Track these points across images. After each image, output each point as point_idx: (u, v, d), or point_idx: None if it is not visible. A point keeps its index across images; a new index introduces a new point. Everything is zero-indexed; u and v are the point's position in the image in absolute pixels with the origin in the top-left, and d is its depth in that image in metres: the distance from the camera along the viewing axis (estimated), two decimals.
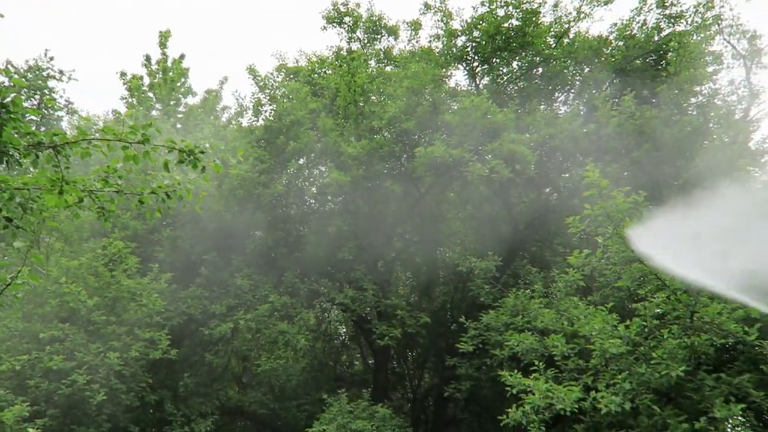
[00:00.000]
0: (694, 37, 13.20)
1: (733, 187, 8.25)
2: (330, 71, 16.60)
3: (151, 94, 19.39)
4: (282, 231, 13.58)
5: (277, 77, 16.06)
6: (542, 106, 14.58)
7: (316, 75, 16.80)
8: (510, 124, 12.52)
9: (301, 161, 14.68)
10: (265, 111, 14.84)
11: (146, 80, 19.48)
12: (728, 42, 14.19)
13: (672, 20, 13.72)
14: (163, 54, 19.37)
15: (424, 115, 13.36)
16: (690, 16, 13.47)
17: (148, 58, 19.43)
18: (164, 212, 4.87)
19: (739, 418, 7.07)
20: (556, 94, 15.62)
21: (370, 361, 17.93)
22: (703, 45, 13.26)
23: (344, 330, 19.86)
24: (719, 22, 13.81)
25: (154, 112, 18.55)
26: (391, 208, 14.37)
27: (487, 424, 13.69)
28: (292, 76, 16.61)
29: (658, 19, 13.80)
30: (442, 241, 16.16)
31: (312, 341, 15.93)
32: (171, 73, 19.45)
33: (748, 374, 7.10)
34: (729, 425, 7.18)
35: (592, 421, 7.48)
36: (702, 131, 12.44)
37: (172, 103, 19.10)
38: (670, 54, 13.26)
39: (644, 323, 7.85)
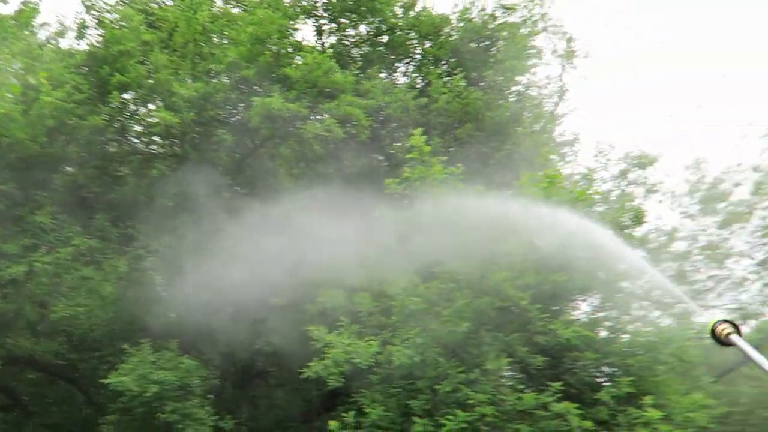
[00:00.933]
0: (522, 30, 14.43)
1: None
2: (171, 2, 15.42)
3: None
4: (97, 169, 12.57)
5: None
6: (383, 74, 15.02)
7: (154, 5, 15.50)
8: (349, 87, 12.76)
9: (127, 96, 13.60)
10: (90, 35, 13.45)
11: None
12: (550, 40, 15.72)
13: (506, 10, 14.82)
14: None
15: (265, 65, 13.08)
16: (521, 9, 14.65)
17: None
18: None
19: (507, 369, 8.27)
20: (397, 65, 16.15)
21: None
22: (528, 39, 14.57)
23: (161, 279, 19.03)
24: (545, 20, 15.23)
25: None
26: (222, 157, 13.98)
27: (294, 377, 14.17)
28: (126, 0, 15.16)
29: (495, 7, 14.81)
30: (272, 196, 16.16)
31: (122, 289, 15.10)
32: None
33: (518, 334, 8.29)
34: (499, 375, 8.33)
35: (386, 372, 8.23)
36: (517, 118, 13.80)
37: None
38: (500, 42, 14.35)
39: (443, 285, 8.74)
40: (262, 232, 16.63)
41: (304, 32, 15.67)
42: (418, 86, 14.57)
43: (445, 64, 15.37)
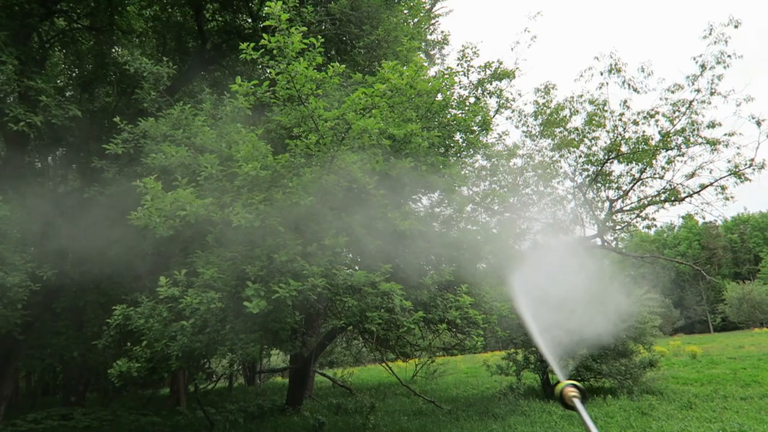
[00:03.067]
0: None
1: None
2: None
3: None
4: None
5: None
6: None
7: None
8: None
9: None
10: None
11: None
12: None
13: None
14: None
15: None
16: None
17: None
18: None
19: (344, 248, 8.56)
20: None
21: (2, 152, 15.53)
22: None
23: None
24: None
25: None
26: None
27: (128, 232, 13.47)
28: None
29: None
30: (118, 37, 14.42)
31: None
32: None
33: (359, 216, 8.53)
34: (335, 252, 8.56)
35: (223, 236, 8.08)
36: (392, 5, 13.42)
37: None
38: None
39: (293, 159, 8.58)
40: (99, 74, 14.98)
41: None
42: None
43: None
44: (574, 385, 2.49)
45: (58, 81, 15.71)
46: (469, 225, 11.20)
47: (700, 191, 17.12)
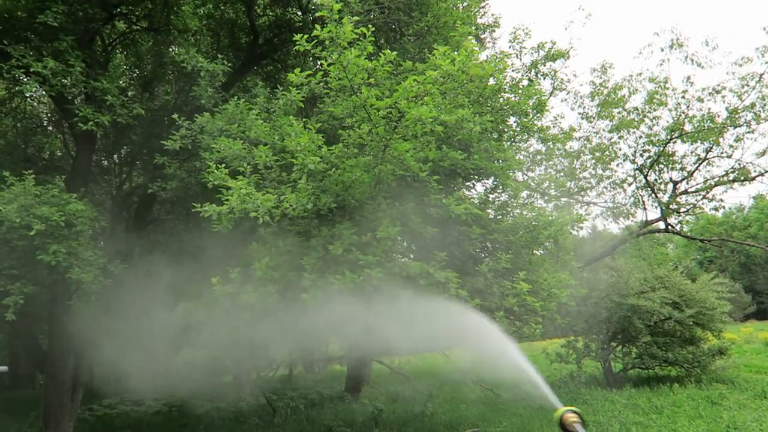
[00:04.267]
0: None
1: None
2: None
3: None
4: None
5: None
6: None
7: None
8: None
9: None
10: None
11: None
12: None
13: None
14: None
15: None
16: None
17: None
18: None
19: (398, 236, 8.57)
20: None
21: (73, 151, 16.35)
22: None
23: (45, 110, 17.50)
24: None
25: None
26: None
27: (189, 225, 13.95)
28: None
29: None
30: (174, 36, 14.84)
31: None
32: None
33: (413, 204, 8.51)
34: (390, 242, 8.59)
35: (279, 227, 8.24)
36: None
37: None
38: None
39: (346, 149, 8.63)
40: (158, 73, 15.50)
41: None
42: None
43: None
44: (574, 411, 2.57)
45: (121, 81, 16.35)
46: (525, 211, 10.99)
47: None
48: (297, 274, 7.97)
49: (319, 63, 11.61)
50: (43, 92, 12.20)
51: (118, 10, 13.28)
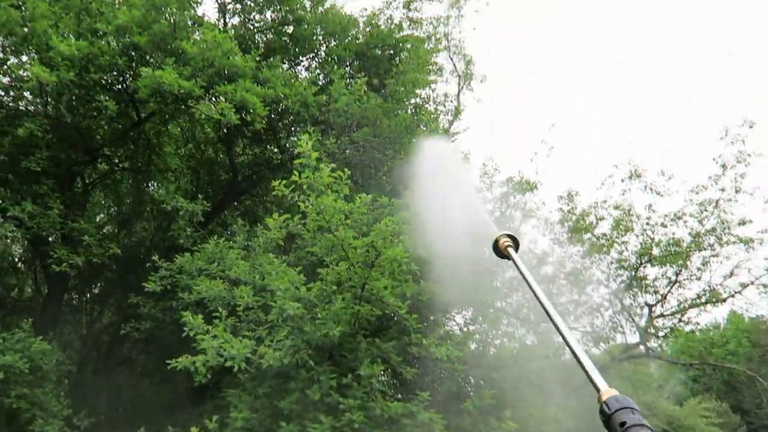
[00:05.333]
0: (426, 45, 14.78)
1: None
2: None
3: None
4: None
5: None
6: (285, 65, 14.69)
7: None
8: (249, 73, 12.31)
9: None
10: None
11: None
12: (451, 59, 16.25)
13: (412, 23, 15.14)
14: None
15: (160, 34, 12.24)
16: (426, 25, 15.02)
17: None
18: None
19: (380, 375, 8.34)
20: (300, 58, 15.89)
21: (45, 290, 16.00)
22: (431, 55, 14.95)
23: (19, 249, 17.32)
24: (448, 39, 15.72)
25: None
26: (102, 125, 12.92)
27: (162, 367, 13.40)
28: None
29: (401, 18, 15.06)
30: (155, 175, 15.23)
31: None
32: None
33: (394, 341, 8.40)
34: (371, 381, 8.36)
35: (257, 371, 7.97)
36: (412, 129, 14.07)
37: None
38: (403, 53, 14.59)
39: (324, 288, 8.64)
40: (136, 210, 15.68)
41: (206, 7, 15.00)
42: (319, 83, 14.42)
43: (348, 65, 15.37)
44: (509, 235, 2.39)
45: (98, 218, 16.46)
46: (506, 340, 10.90)
47: (741, 291, 16.56)
48: (274, 421, 7.61)
49: (297, 201, 11.95)
50: (19, 233, 12.16)
51: (101, 151, 13.71)
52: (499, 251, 2.38)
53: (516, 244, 2.40)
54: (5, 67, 12.47)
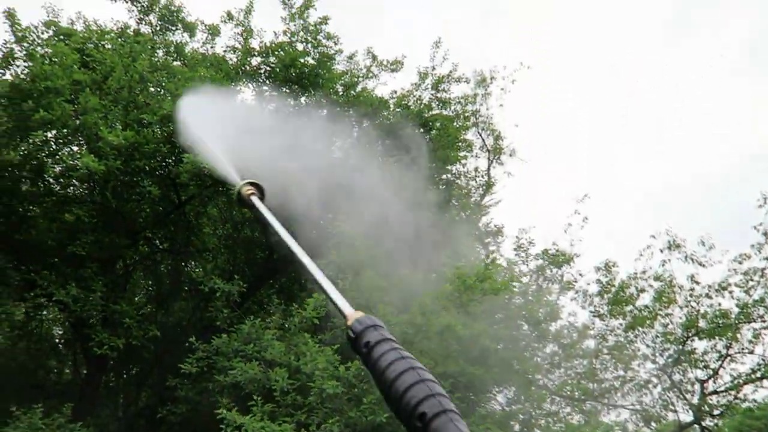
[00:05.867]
0: (455, 123, 15.17)
1: None
2: (109, 46, 15.06)
3: None
4: (5, 206, 11.67)
5: (43, 33, 14.02)
6: (318, 146, 15.17)
7: (91, 45, 15.07)
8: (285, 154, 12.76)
9: (49, 135, 12.91)
10: (18, 67, 12.80)
11: None
12: (480, 135, 16.59)
13: (441, 103, 15.61)
14: None
15: None
16: (454, 104, 15.48)
17: None
18: None
19: None
20: (334, 139, 16.41)
21: (84, 372, 16.10)
22: (461, 132, 15.32)
23: (61, 331, 17.60)
24: (476, 116, 16.12)
25: None
26: (145, 209, 13.41)
27: None
28: (62, 37, 14.64)
29: (430, 98, 15.56)
30: (193, 255, 15.55)
31: (13, 339, 13.74)
32: None
33: None
34: None
35: None
36: (444, 205, 14.22)
37: None
38: (433, 131, 14.99)
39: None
40: (174, 290, 15.92)
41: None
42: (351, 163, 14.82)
43: (380, 144, 15.80)
44: (252, 183, 2.25)
45: (136, 299, 16.74)
46: (551, 419, 10.44)
47: None
48: None
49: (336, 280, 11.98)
50: (62, 317, 12.47)
51: (143, 234, 14.14)
52: (243, 201, 2.29)
53: (261, 192, 2.29)
54: (57, 156, 13.21)
